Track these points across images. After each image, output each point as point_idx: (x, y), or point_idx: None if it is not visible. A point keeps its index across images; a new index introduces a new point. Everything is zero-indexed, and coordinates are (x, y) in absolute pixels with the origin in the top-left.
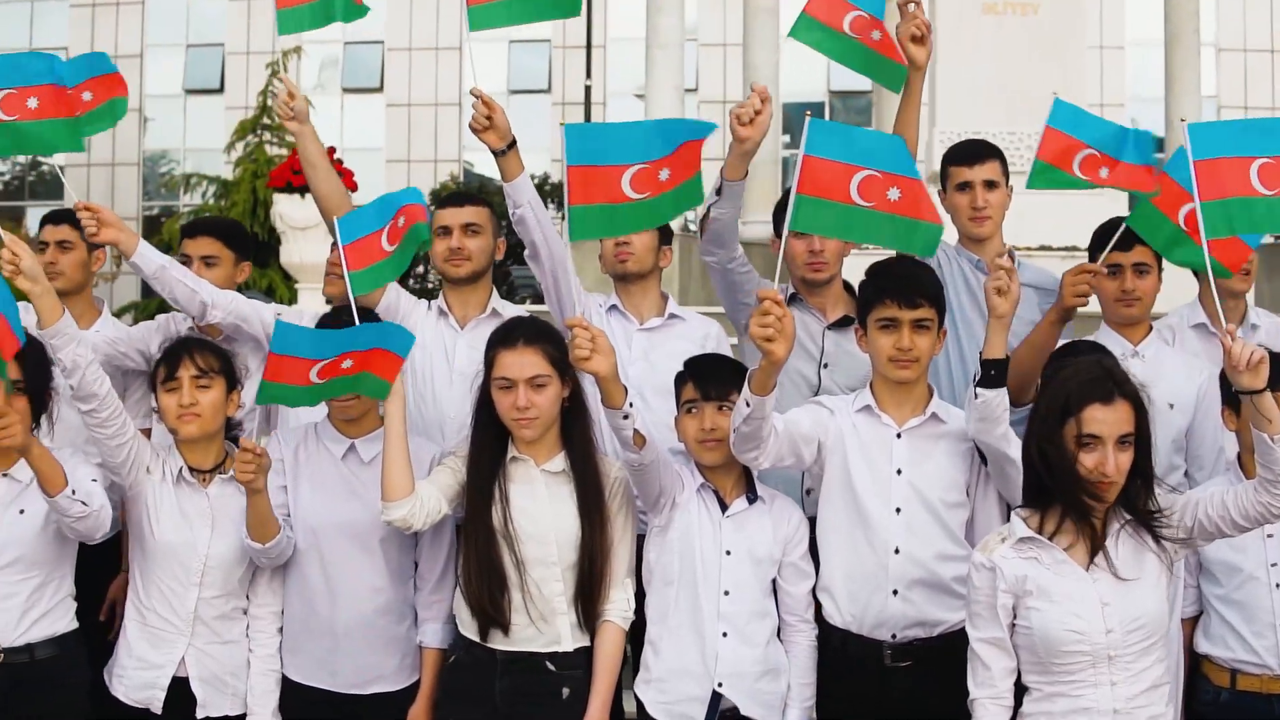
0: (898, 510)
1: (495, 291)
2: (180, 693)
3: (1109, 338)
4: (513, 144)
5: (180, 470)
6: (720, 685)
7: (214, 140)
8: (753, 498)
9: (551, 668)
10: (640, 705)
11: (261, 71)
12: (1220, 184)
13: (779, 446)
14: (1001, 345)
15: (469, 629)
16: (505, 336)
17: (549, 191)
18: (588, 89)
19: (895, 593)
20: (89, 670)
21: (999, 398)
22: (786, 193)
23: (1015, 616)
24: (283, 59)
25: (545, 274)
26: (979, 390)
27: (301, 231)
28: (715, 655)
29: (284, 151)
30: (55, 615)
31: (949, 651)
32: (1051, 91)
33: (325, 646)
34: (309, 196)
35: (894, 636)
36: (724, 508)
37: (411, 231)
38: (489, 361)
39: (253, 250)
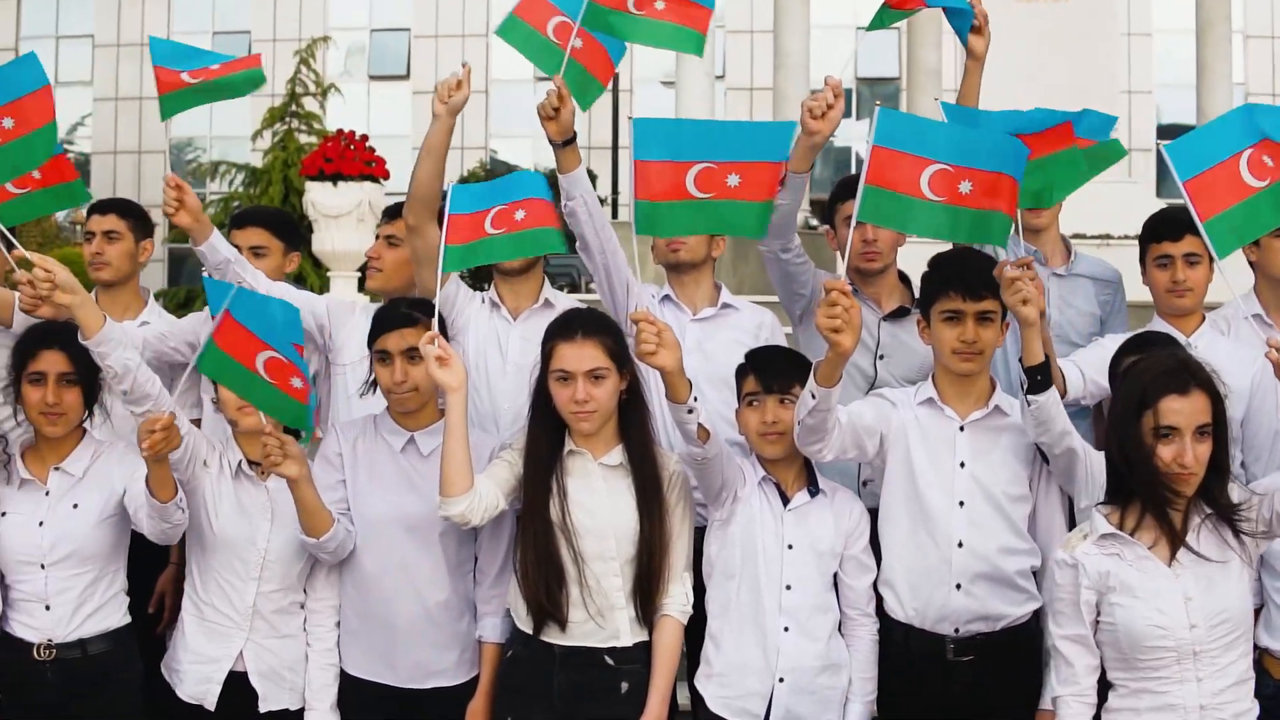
0: (961, 504)
1: (547, 282)
2: (235, 687)
3: (1161, 329)
4: (573, 138)
5: (239, 463)
6: (782, 680)
7: (240, 128)
8: (814, 490)
9: (610, 662)
10: (700, 700)
11: (288, 59)
12: (1215, 197)
13: (842, 439)
14: (1038, 352)
15: (525, 623)
16: (563, 328)
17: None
18: (615, 76)
19: (958, 587)
20: (142, 665)
21: (1050, 398)
22: (840, 182)
23: (1098, 613)
24: (311, 46)
25: (596, 267)
26: (1030, 398)
27: (334, 219)
28: (777, 650)
29: (314, 140)
30: (108, 610)
31: (1011, 645)
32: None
33: (384, 640)
34: (341, 184)
35: (957, 631)
36: (785, 501)
37: (530, 235)
38: (547, 354)
39: (301, 241)
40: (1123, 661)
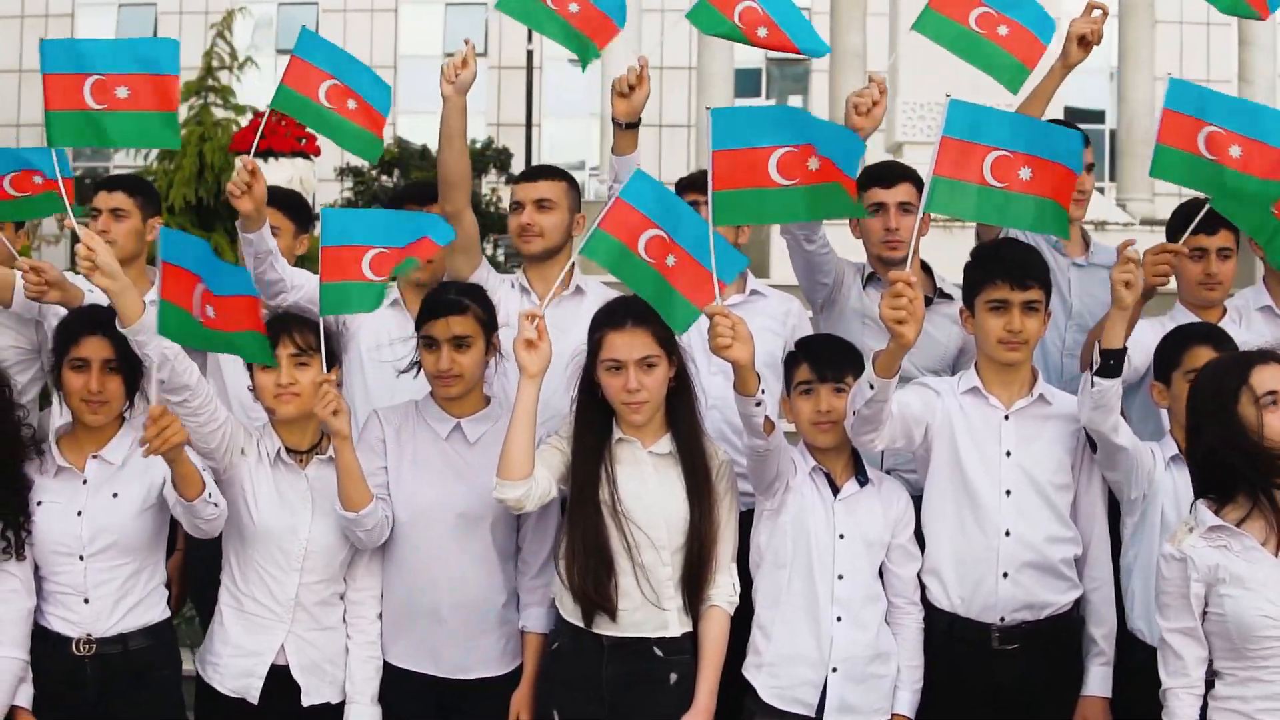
0: (1008, 492)
1: (577, 267)
2: (275, 681)
3: (1186, 319)
4: (637, 123)
5: (278, 451)
6: (835, 670)
7: None
8: (863, 480)
9: (659, 653)
10: (750, 688)
11: (196, 32)
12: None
13: (892, 429)
14: (1121, 336)
15: (572, 614)
16: (613, 317)
17: (491, 157)
18: (529, 53)
19: (1005, 575)
20: (181, 660)
21: (1115, 387)
22: (864, 172)
23: (1206, 604)
24: (228, 18)
25: None
26: (1096, 379)
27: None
28: (830, 640)
29: (229, 114)
30: (149, 604)
31: (1054, 634)
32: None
33: (428, 631)
34: (272, 161)
35: (1002, 619)
36: (835, 490)
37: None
38: (596, 343)
39: (312, 222)
40: (1232, 651)
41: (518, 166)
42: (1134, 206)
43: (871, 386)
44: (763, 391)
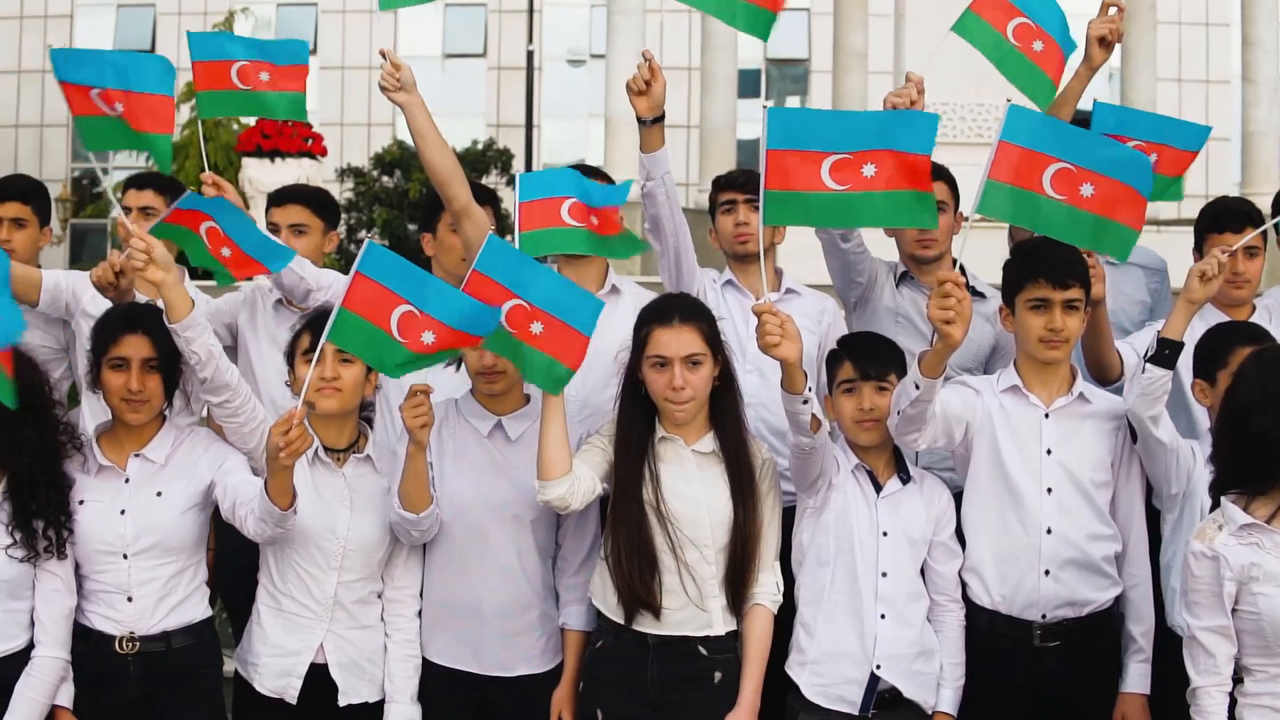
0: (1049, 490)
1: (611, 266)
2: (312, 680)
3: (1214, 317)
4: (661, 116)
5: (316, 450)
6: (879, 667)
7: None
8: (905, 478)
9: (704, 652)
10: (794, 687)
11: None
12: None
13: (935, 428)
14: (1182, 328)
15: (615, 613)
16: (660, 313)
17: (492, 158)
18: (530, 54)
19: (1047, 573)
20: (223, 659)
21: (1164, 379)
22: None
23: (1237, 602)
24: (229, 19)
25: (667, 250)
26: (1148, 366)
27: None
28: (874, 637)
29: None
30: (191, 602)
31: (1095, 631)
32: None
33: (469, 628)
34: (279, 161)
35: (1044, 617)
36: (878, 488)
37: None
38: (642, 339)
39: (339, 219)
40: (1263, 648)
41: (518, 167)
42: None
43: (917, 386)
44: (810, 389)
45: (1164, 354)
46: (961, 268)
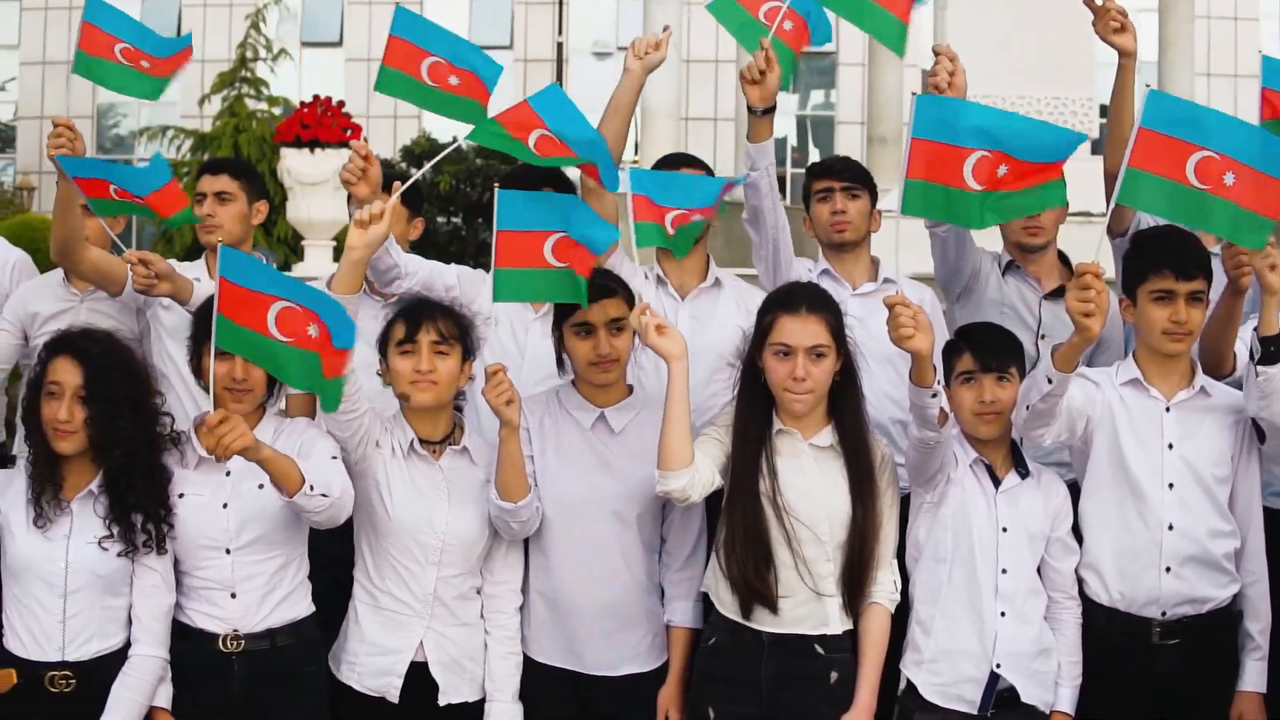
0: (1170, 485)
1: (712, 259)
2: (412, 679)
3: None
4: (773, 107)
5: (411, 442)
6: (999, 666)
7: (168, 93)
8: (1024, 472)
9: (820, 651)
10: (910, 686)
11: (221, 23)
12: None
13: (1061, 423)
14: (1277, 322)
15: (730, 609)
16: (787, 301)
17: None
18: (559, 46)
19: (1168, 570)
20: (325, 658)
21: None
22: None
23: None
24: (261, 10)
25: (765, 241)
26: (1260, 369)
27: (311, 187)
28: (994, 635)
29: (263, 105)
30: (295, 598)
31: (1215, 629)
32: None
33: (573, 626)
34: (319, 151)
35: (1163, 614)
36: (996, 483)
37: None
38: (766, 326)
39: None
40: None
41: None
42: None
43: (1049, 381)
44: (940, 383)
45: (1270, 351)
46: (1066, 258)
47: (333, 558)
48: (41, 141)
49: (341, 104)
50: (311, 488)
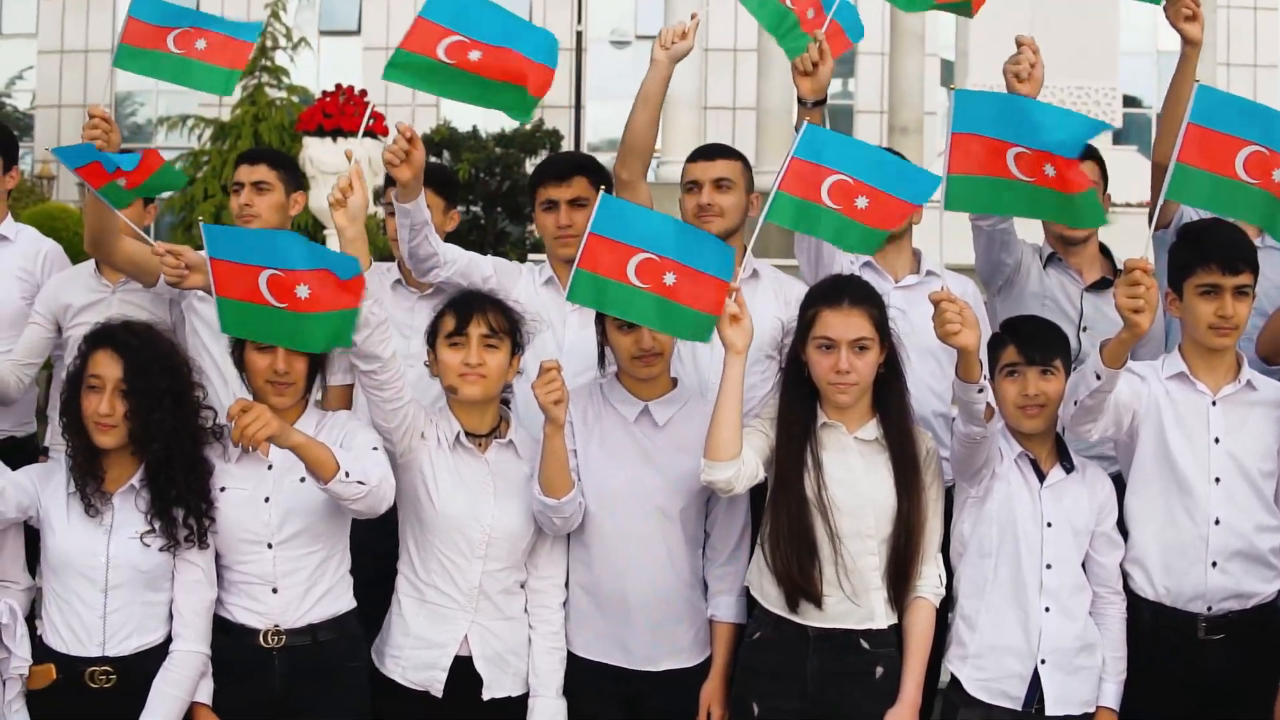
0: (1217, 480)
1: (749, 250)
2: (456, 673)
3: None
4: (824, 99)
5: (458, 435)
6: (1043, 662)
7: None
8: (1069, 466)
9: (865, 645)
10: (954, 681)
11: (239, 11)
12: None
13: (1107, 418)
14: None
15: (775, 604)
16: (830, 294)
17: (540, 139)
18: (578, 34)
19: (1214, 565)
20: (367, 653)
21: None
22: None
23: None
24: (279, 0)
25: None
26: None
27: (333, 176)
28: (1039, 630)
29: (283, 94)
30: (337, 593)
31: (1262, 623)
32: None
33: (617, 621)
34: (341, 140)
35: (1209, 609)
36: (1041, 477)
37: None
38: (808, 320)
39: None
40: None
41: (567, 149)
42: None
43: (1098, 376)
44: (986, 378)
45: None
46: (1107, 251)
47: (369, 549)
48: (60, 130)
49: (364, 93)
50: (347, 474)
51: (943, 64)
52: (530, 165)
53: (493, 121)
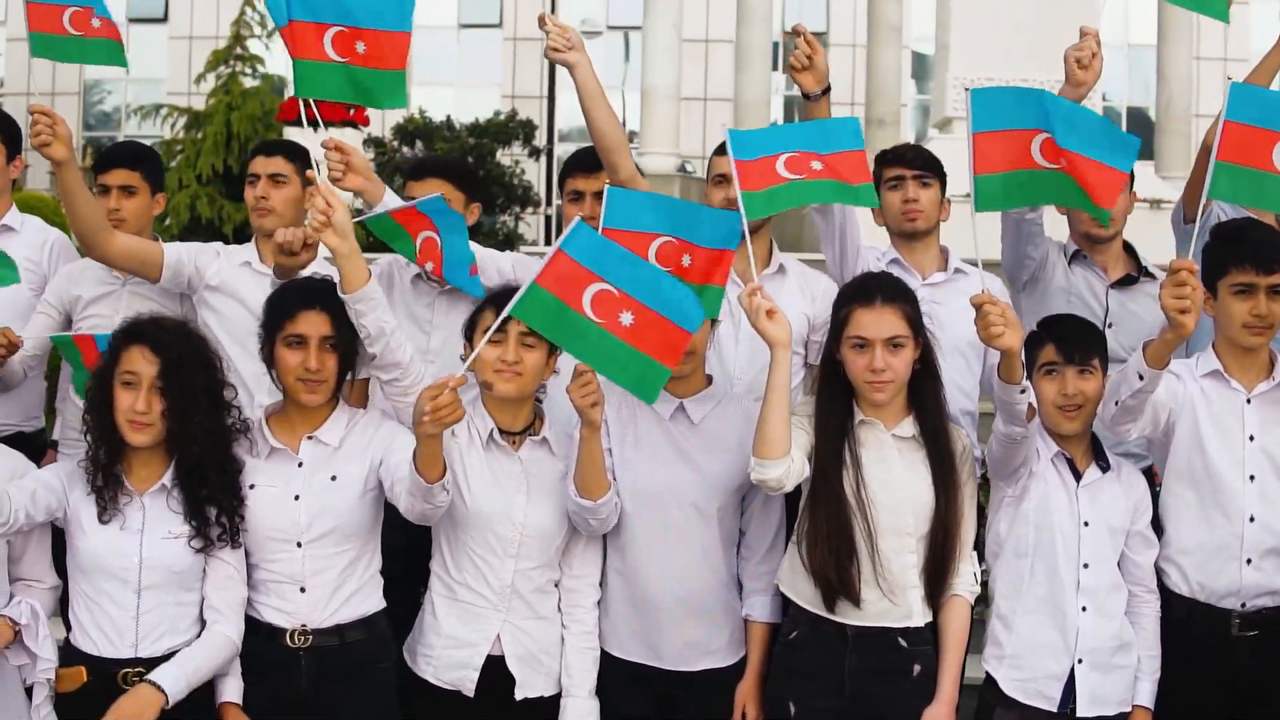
0: (1251, 477)
1: (775, 244)
2: (488, 672)
3: None
4: (828, 89)
5: (491, 432)
6: (1080, 661)
7: (156, 70)
8: (1104, 465)
9: (903, 644)
10: (990, 681)
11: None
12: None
13: (1146, 418)
14: None
15: (812, 603)
16: (862, 293)
17: (514, 129)
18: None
19: (1249, 562)
20: (394, 654)
21: None
22: None
23: None
24: None
25: (833, 228)
26: None
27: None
28: (1076, 630)
29: (258, 83)
30: (365, 593)
31: None
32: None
33: (651, 620)
34: (320, 130)
35: (1243, 606)
36: (1077, 477)
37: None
38: (841, 319)
39: (482, 191)
40: None
41: (540, 139)
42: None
43: (1140, 377)
44: (1028, 379)
45: None
46: (1132, 249)
47: (394, 547)
48: (28, 118)
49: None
50: (448, 480)
51: (914, 56)
52: (502, 155)
53: (466, 111)
